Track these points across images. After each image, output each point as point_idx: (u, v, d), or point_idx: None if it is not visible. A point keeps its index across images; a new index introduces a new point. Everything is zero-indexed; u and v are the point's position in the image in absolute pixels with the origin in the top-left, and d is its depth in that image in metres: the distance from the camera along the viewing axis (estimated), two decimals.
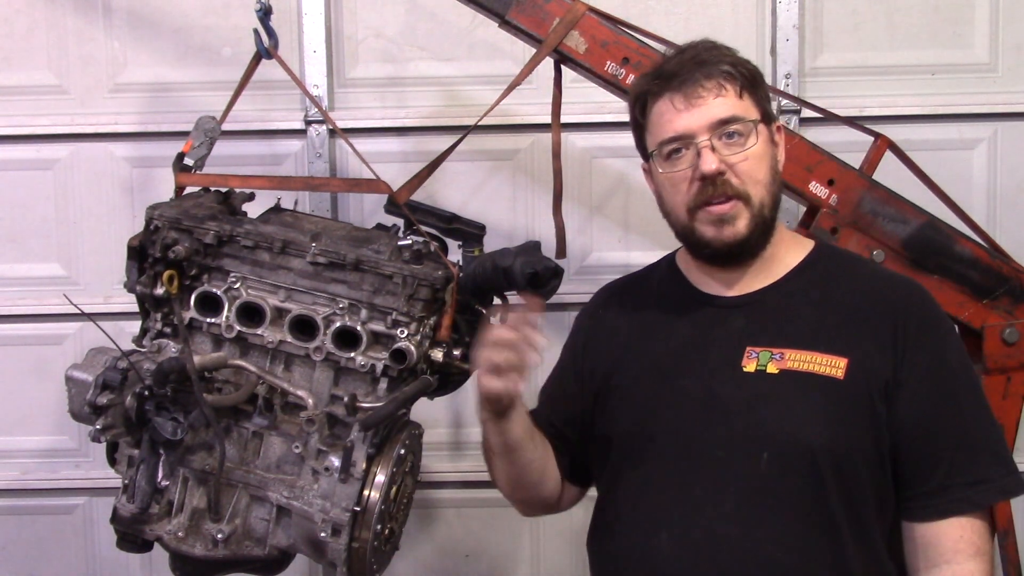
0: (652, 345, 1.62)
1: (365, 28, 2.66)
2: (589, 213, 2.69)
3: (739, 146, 1.49)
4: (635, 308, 1.68)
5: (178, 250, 1.75)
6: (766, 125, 1.53)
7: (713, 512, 1.47)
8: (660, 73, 1.54)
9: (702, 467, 1.49)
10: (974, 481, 1.46)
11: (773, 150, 1.55)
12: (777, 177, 1.54)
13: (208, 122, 1.96)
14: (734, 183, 1.48)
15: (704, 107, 1.48)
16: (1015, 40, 2.61)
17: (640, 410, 1.58)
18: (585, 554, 2.83)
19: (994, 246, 2.05)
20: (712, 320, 1.57)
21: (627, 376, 1.62)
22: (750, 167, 1.49)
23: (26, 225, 2.70)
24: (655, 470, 1.54)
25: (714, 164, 1.47)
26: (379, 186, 1.87)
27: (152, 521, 1.78)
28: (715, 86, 1.49)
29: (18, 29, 2.66)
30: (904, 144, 1.98)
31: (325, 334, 1.74)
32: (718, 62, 1.51)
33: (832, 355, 1.47)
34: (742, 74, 1.51)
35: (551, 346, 2.69)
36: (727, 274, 1.58)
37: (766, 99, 1.55)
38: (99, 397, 1.74)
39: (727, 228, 1.50)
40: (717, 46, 1.55)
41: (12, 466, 2.74)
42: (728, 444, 1.48)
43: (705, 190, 1.49)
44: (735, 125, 1.49)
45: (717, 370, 1.53)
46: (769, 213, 1.52)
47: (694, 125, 1.49)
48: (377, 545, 1.73)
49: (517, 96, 2.03)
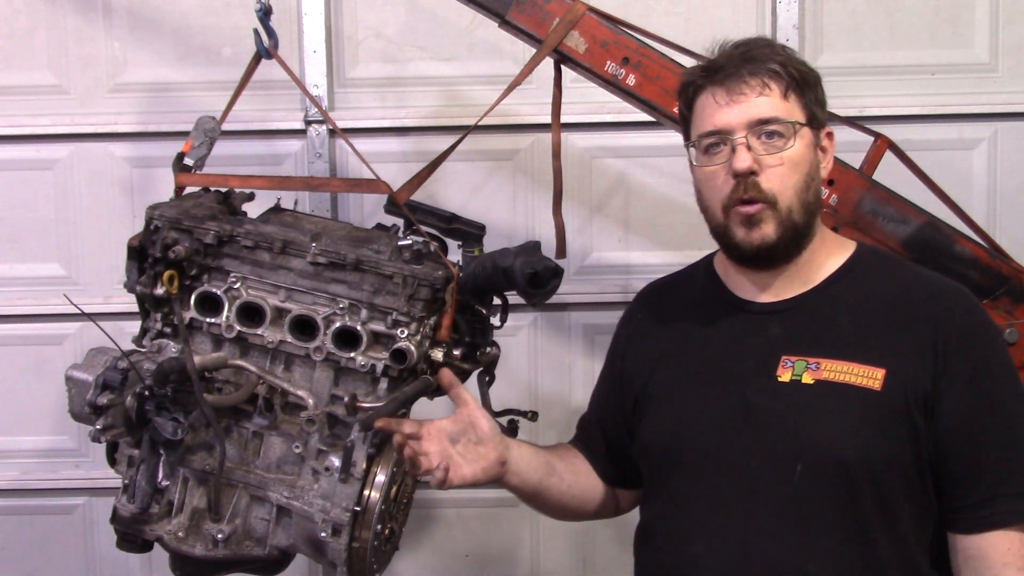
0: (687, 352, 1.61)
1: (365, 28, 2.66)
2: (589, 213, 2.69)
3: (776, 147, 1.46)
4: (672, 313, 1.67)
5: (178, 250, 1.75)
6: (811, 129, 1.50)
7: (746, 523, 1.47)
8: (708, 66, 1.53)
9: (736, 477, 1.49)
10: (1022, 492, 1.43)
11: (813, 155, 1.51)
12: (813, 184, 1.50)
13: (208, 122, 1.96)
14: (763, 186, 1.46)
15: (745, 104, 1.47)
16: (1015, 40, 2.61)
17: (675, 418, 1.58)
18: (583, 554, 2.84)
19: (994, 246, 2.05)
20: (748, 327, 1.55)
21: (662, 383, 1.62)
22: (783, 171, 1.46)
23: (26, 225, 2.70)
24: (690, 479, 1.54)
25: (747, 162, 1.45)
26: (379, 186, 1.87)
27: (152, 521, 1.78)
28: (759, 84, 1.47)
29: (18, 29, 2.66)
30: (904, 144, 1.98)
31: (325, 334, 1.74)
32: (766, 60, 1.48)
33: (869, 365, 1.44)
34: (790, 75, 1.48)
35: (550, 347, 2.71)
36: (761, 277, 1.56)
37: (817, 103, 1.52)
38: (99, 397, 1.74)
39: (755, 231, 1.47)
40: (772, 44, 1.53)
41: (12, 466, 2.74)
42: (761, 455, 1.47)
43: (738, 188, 1.47)
44: (774, 125, 1.46)
45: (752, 379, 1.51)
46: (800, 219, 1.48)
47: (733, 121, 1.47)
48: (377, 545, 1.73)
49: (517, 96, 2.03)
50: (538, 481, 1.66)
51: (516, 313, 2.30)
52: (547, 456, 1.71)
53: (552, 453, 1.74)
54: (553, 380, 2.74)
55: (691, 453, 1.54)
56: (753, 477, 1.47)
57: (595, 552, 2.77)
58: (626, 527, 2.72)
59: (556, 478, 1.69)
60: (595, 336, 2.72)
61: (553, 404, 2.70)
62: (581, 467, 1.76)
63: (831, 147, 1.56)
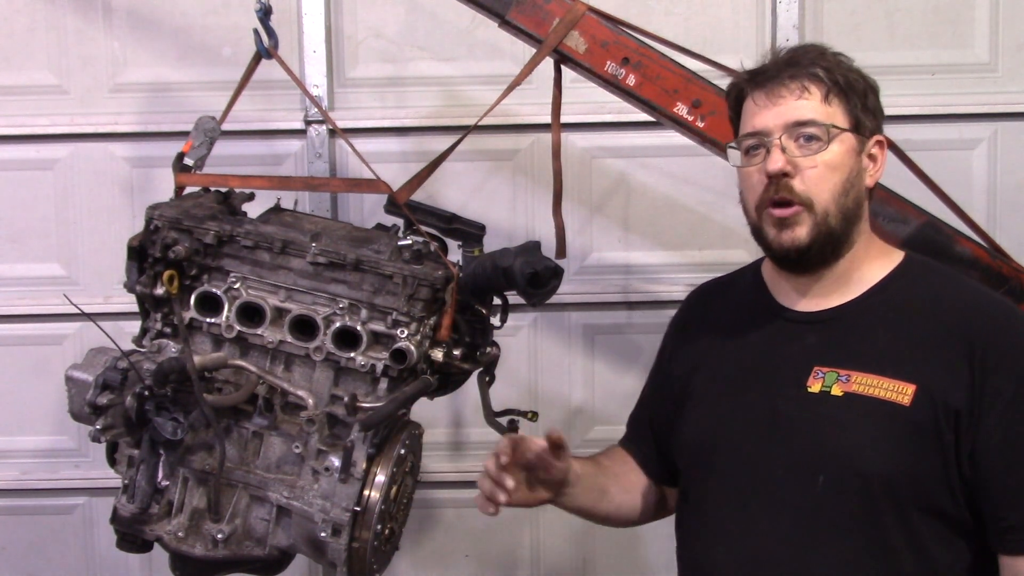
0: (725, 356, 1.61)
1: (365, 28, 2.66)
2: (589, 213, 2.69)
3: (812, 150, 1.46)
4: (717, 315, 1.68)
5: (178, 250, 1.75)
6: (856, 135, 1.49)
7: (768, 530, 1.48)
8: (755, 69, 1.54)
9: (760, 484, 1.50)
10: None
11: (854, 161, 1.49)
12: (853, 190, 1.48)
13: (208, 122, 1.96)
14: (797, 188, 1.45)
15: (783, 106, 1.47)
16: (1015, 40, 2.61)
17: (707, 421, 1.59)
18: (584, 554, 2.84)
19: (994, 246, 2.05)
20: (785, 335, 1.55)
21: (700, 385, 1.63)
22: (819, 174, 1.46)
23: (26, 225, 2.70)
24: (717, 483, 1.56)
25: (778, 163, 1.45)
26: (379, 186, 1.87)
27: (152, 521, 1.78)
28: (798, 87, 1.47)
29: (18, 29, 2.66)
30: (904, 144, 1.98)
31: (325, 334, 1.74)
32: (809, 64, 1.48)
33: (899, 380, 1.42)
34: (833, 79, 1.48)
35: (550, 347, 2.71)
36: (800, 283, 1.55)
37: (865, 110, 1.50)
38: (99, 397, 1.74)
39: (786, 233, 1.47)
40: (823, 51, 1.53)
41: (12, 466, 2.74)
42: (786, 464, 1.47)
43: (770, 189, 1.47)
44: (811, 128, 1.46)
45: (783, 387, 1.51)
46: (837, 225, 1.47)
47: (770, 123, 1.48)
48: (377, 545, 1.73)
49: (517, 96, 2.03)
50: (586, 502, 1.70)
51: (516, 313, 2.30)
52: (603, 480, 1.73)
53: (606, 472, 1.75)
54: (553, 380, 2.74)
55: (720, 458, 1.56)
56: (777, 486, 1.48)
57: (595, 552, 2.77)
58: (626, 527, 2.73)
59: (606, 499, 1.73)
60: (595, 336, 2.72)
61: (553, 404, 2.70)
62: (632, 480, 1.78)
63: (882, 156, 1.54)
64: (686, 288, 2.33)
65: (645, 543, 2.74)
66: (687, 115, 1.95)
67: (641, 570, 2.76)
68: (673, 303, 1.92)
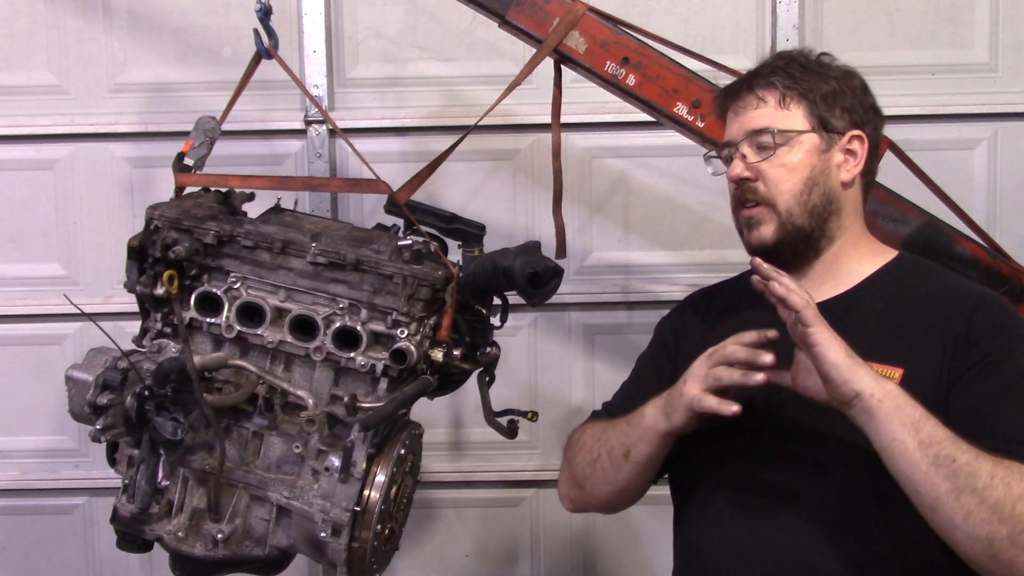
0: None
1: (365, 28, 2.66)
2: (589, 213, 2.69)
3: (768, 155, 1.56)
4: (718, 315, 1.72)
5: (178, 250, 1.75)
6: (821, 134, 1.56)
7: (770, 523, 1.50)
8: (728, 85, 1.68)
9: (760, 478, 1.53)
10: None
11: (820, 160, 1.56)
12: (817, 188, 1.56)
13: (208, 122, 1.96)
14: (760, 191, 1.57)
15: (744, 116, 1.60)
16: (1015, 40, 2.62)
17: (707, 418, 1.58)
18: (584, 554, 2.84)
19: (994, 246, 2.05)
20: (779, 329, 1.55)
21: None
22: (777, 176, 1.56)
23: (26, 225, 2.70)
24: (717, 477, 1.58)
25: (737, 170, 1.58)
26: (379, 186, 1.87)
27: (152, 521, 1.78)
28: (755, 97, 1.59)
29: (18, 29, 2.66)
30: (904, 144, 1.98)
31: (325, 334, 1.74)
32: (769, 73, 1.59)
33: (888, 365, 1.46)
34: (788, 85, 1.57)
35: (550, 347, 2.71)
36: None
37: (835, 108, 1.57)
38: (99, 397, 1.74)
39: (754, 232, 1.59)
40: (791, 56, 1.62)
41: (12, 466, 2.75)
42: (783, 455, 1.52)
43: (736, 193, 1.61)
44: (764, 136, 1.56)
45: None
46: (804, 222, 1.56)
47: (735, 133, 1.61)
48: (377, 545, 1.73)
49: (517, 96, 2.03)
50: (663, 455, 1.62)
51: (516, 313, 2.31)
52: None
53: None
54: (553, 380, 2.74)
55: (720, 453, 1.58)
56: (776, 477, 1.51)
57: (595, 552, 2.77)
58: (626, 527, 2.73)
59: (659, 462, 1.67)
60: (595, 336, 2.72)
61: (553, 404, 2.71)
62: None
63: (861, 150, 1.59)
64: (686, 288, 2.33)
65: (645, 543, 2.75)
66: (687, 115, 1.96)
67: (641, 570, 2.76)
68: (673, 303, 1.92)
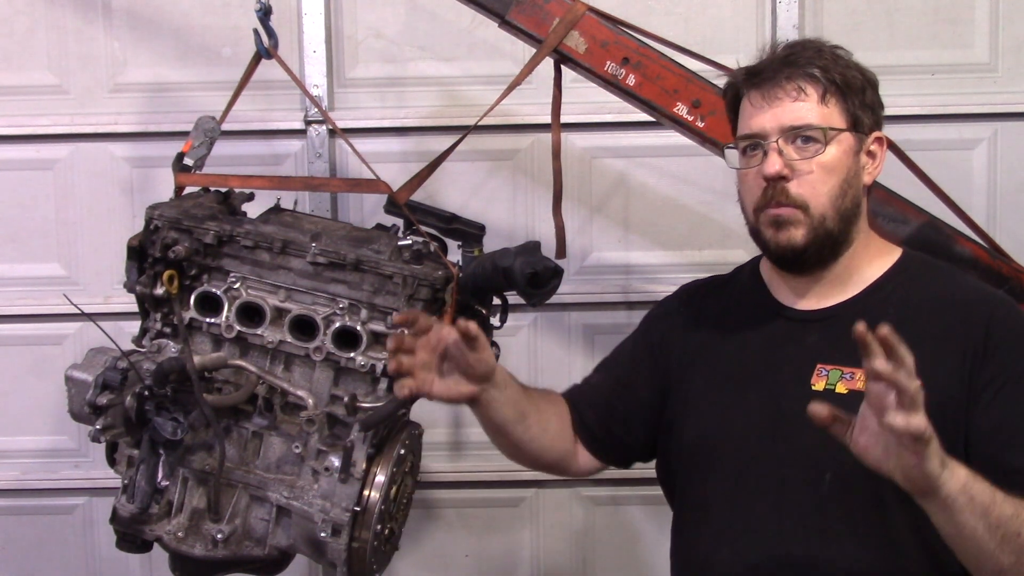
0: (724, 355, 1.60)
1: (365, 28, 2.66)
2: (589, 213, 2.69)
3: (809, 153, 1.46)
4: (713, 313, 1.66)
5: (178, 250, 1.75)
6: (854, 134, 1.49)
7: (775, 531, 1.47)
8: (751, 68, 1.53)
9: (765, 484, 1.49)
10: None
11: (852, 161, 1.49)
12: (851, 190, 1.48)
13: (208, 122, 1.96)
14: (793, 191, 1.46)
15: (780, 108, 1.47)
16: (1015, 40, 2.61)
17: (708, 421, 1.57)
18: (584, 554, 2.84)
19: (994, 246, 2.05)
20: (786, 334, 1.55)
21: (696, 384, 1.61)
22: (815, 177, 1.46)
23: (26, 225, 2.70)
24: (719, 484, 1.54)
25: (775, 167, 1.45)
26: (379, 186, 1.87)
27: (152, 521, 1.78)
28: (795, 88, 1.47)
29: (18, 29, 2.66)
30: (904, 144, 1.98)
31: (325, 334, 1.74)
32: (806, 64, 1.47)
33: None
34: (830, 79, 1.47)
35: (550, 347, 2.71)
36: (799, 283, 1.55)
37: (864, 107, 1.50)
38: (99, 397, 1.74)
39: (783, 232, 1.48)
40: (819, 46, 1.51)
41: (12, 466, 2.74)
42: (792, 463, 1.47)
43: (767, 192, 1.48)
44: (808, 131, 1.46)
45: (786, 386, 1.50)
46: (834, 226, 1.47)
47: (767, 125, 1.47)
48: (377, 545, 1.73)
49: (517, 96, 2.03)
50: (505, 419, 1.57)
51: (516, 313, 2.30)
52: (525, 405, 1.62)
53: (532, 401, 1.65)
54: (553, 380, 2.72)
55: (723, 458, 1.54)
56: (782, 484, 1.48)
57: (595, 552, 2.77)
58: (626, 527, 2.73)
59: (523, 426, 1.61)
60: (595, 336, 2.72)
61: None
62: (555, 425, 1.68)
63: (881, 152, 1.54)
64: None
65: (645, 543, 2.75)
66: (687, 115, 1.95)
67: (641, 570, 2.76)
68: None
